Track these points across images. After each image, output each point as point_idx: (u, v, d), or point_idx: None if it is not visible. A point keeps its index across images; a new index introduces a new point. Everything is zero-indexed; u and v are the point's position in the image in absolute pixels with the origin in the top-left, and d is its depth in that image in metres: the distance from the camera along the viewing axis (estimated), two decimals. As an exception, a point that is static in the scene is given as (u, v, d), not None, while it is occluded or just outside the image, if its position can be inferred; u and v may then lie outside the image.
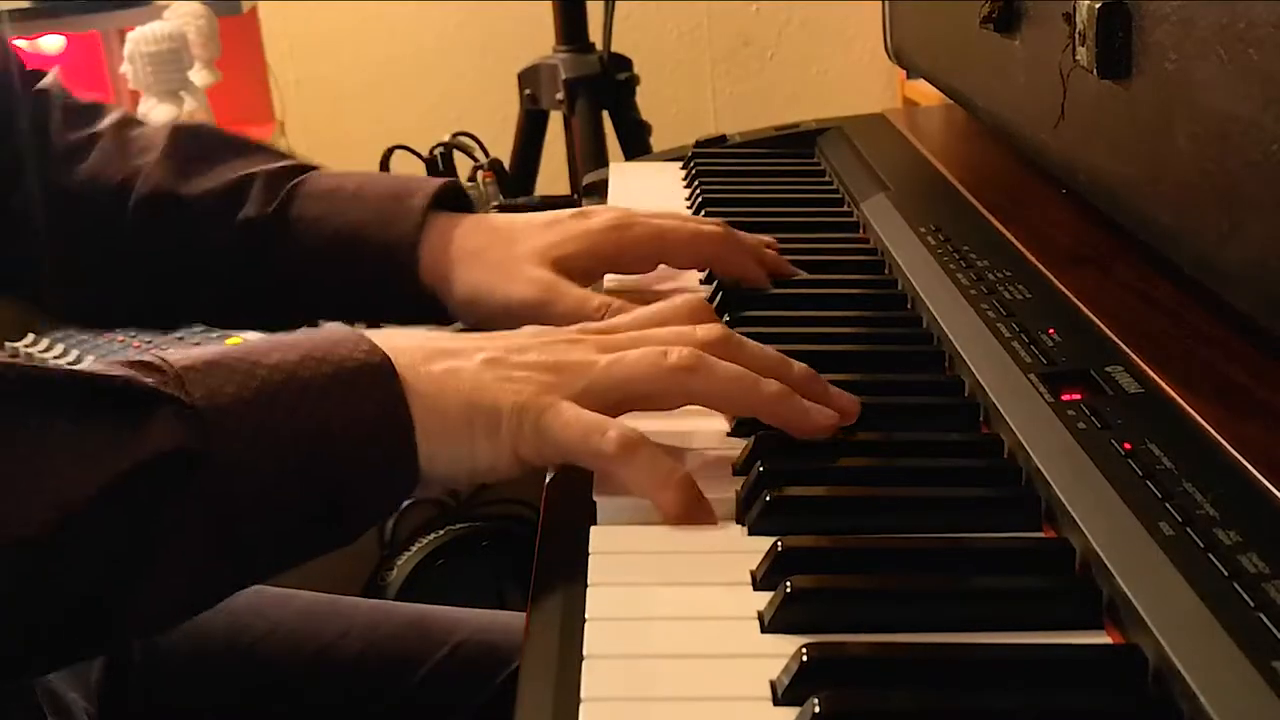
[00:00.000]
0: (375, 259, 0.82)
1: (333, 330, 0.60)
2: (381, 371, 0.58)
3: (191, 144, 0.87)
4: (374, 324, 0.83)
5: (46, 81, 0.91)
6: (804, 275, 0.85)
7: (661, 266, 0.84)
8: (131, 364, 0.56)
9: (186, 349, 0.59)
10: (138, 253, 0.86)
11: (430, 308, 0.83)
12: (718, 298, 0.81)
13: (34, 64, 0.92)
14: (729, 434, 0.65)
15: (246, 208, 0.84)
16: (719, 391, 0.62)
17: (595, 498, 0.59)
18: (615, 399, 0.61)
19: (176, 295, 0.88)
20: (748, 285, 0.82)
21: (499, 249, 0.81)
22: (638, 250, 0.82)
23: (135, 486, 0.53)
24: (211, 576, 0.56)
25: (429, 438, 0.58)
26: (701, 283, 0.86)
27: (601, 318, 0.73)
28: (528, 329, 0.65)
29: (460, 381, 0.59)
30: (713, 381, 0.61)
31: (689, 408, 0.63)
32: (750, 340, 0.64)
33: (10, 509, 0.51)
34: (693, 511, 0.58)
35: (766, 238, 0.87)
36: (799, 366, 0.64)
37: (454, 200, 0.85)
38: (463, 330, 0.75)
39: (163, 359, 0.57)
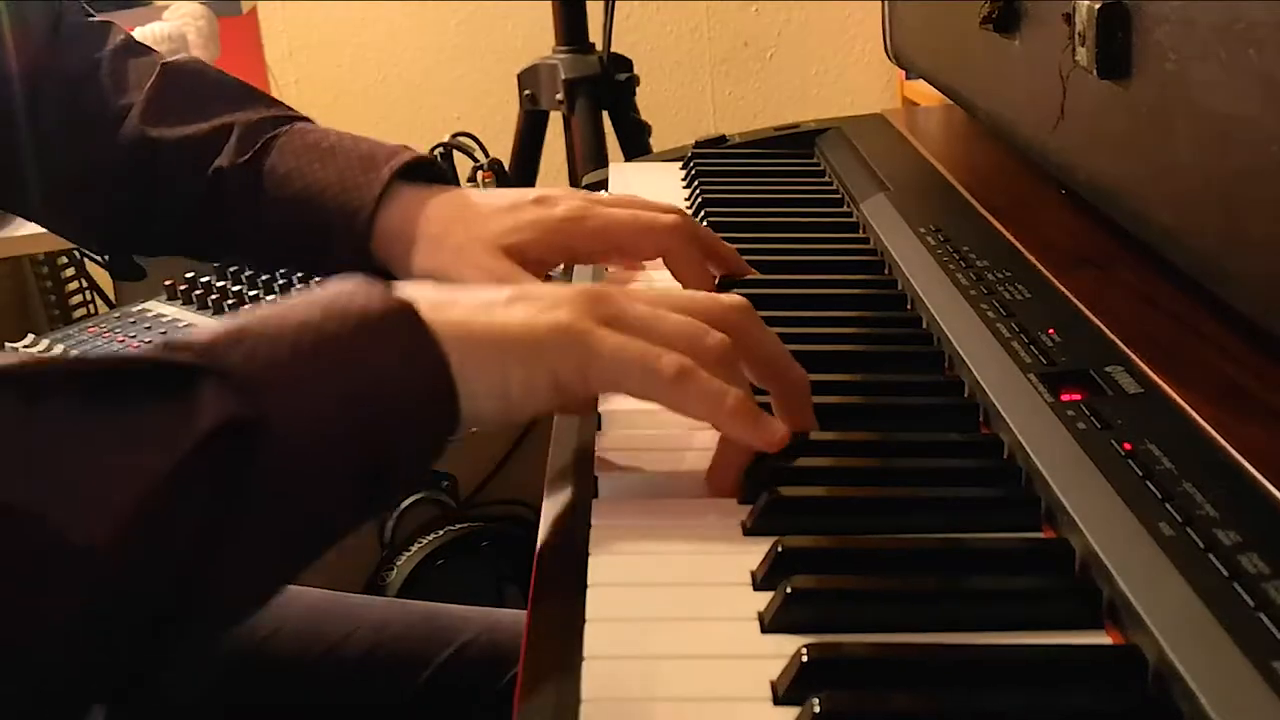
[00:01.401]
0: (329, 223, 0.82)
1: (343, 284, 0.57)
2: (405, 317, 0.56)
3: (177, 86, 0.87)
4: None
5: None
6: (756, 275, 0.83)
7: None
8: (161, 345, 0.54)
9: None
10: (126, 185, 0.88)
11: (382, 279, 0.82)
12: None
13: None
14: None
15: (221, 156, 0.84)
16: (719, 400, 0.59)
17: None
18: (648, 338, 0.59)
19: (157, 229, 0.90)
20: (693, 286, 0.80)
21: (457, 233, 0.80)
22: (590, 243, 0.82)
23: (199, 467, 0.49)
24: (290, 547, 0.53)
25: (462, 372, 0.56)
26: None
27: None
28: (549, 284, 0.65)
29: (488, 312, 0.57)
30: (719, 388, 0.58)
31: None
32: (770, 330, 0.63)
33: (74, 517, 0.46)
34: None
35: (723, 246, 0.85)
36: (800, 375, 0.63)
37: (426, 171, 0.85)
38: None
39: (185, 341, 0.54)
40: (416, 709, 0.87)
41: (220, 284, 1.40)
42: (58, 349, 1.52)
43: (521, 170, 2.00)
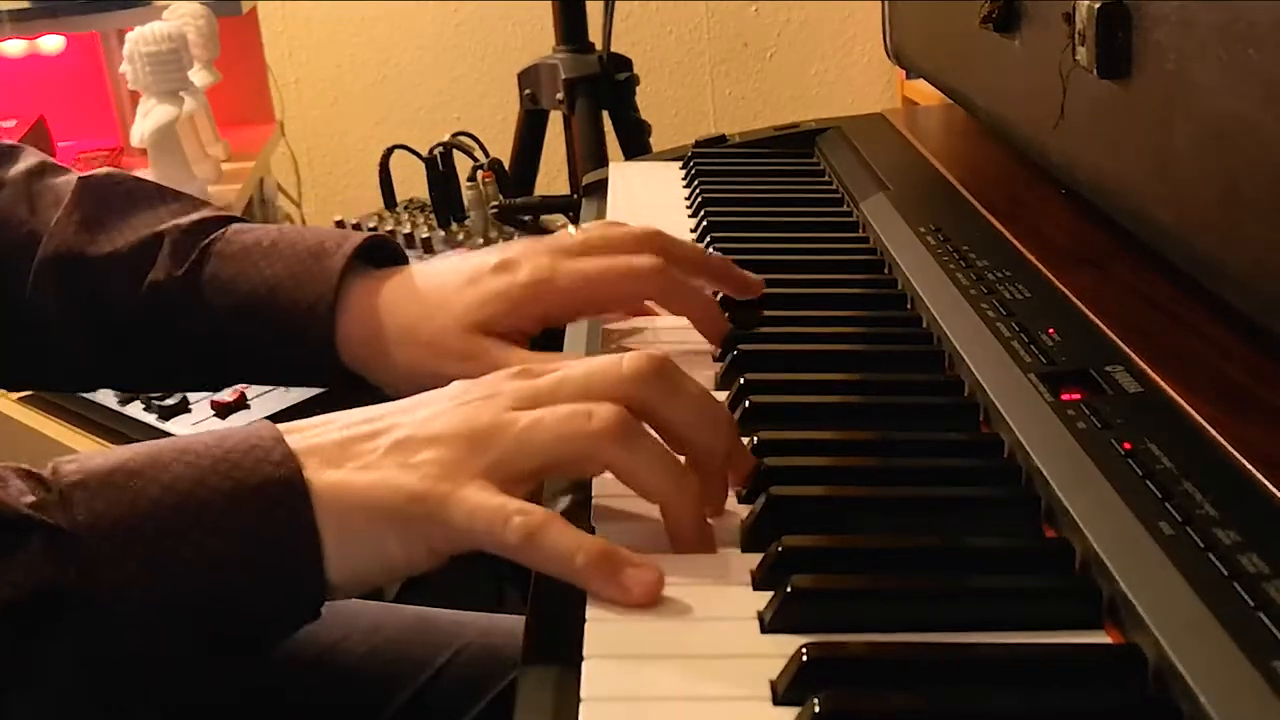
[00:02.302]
0: (288, 322, 0.75)
1: (252, 431, 0.55)
2: (289, 488, 0.53)
3: (99, 198, 0.80)
4: (292, 386, 0.76)
5: None
6: (763, 287, 0.79)
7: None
8: (18, 473, 0.52)
9: (89, 454, 0.54)
10: (41, 311, 0.79)
11: (346, 377, 0.77)
12: (717, 297, 0.81)
13: (33, 65, 0.90)
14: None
15: (155, 270, 0.77)
16: (635, 472, 0.56)
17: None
18: (531, 468, 0.56)
19: (81, 356, 0.80)
20: (700, 326, 0.75)
21: (427, 321, 0.74)
22: (564, 303, 0.74)
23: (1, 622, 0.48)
24: (91, 709, 0.51)
25: (339, 550, 0.53)
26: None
27: None
28: (454, 385, 0.60)
29: (364, 477, 0.54)
30: (633, 460, 0.55)
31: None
32: (682, 383, 0.58)
33: None
34: (617, 590, 0.52)
35: (707, 252, 0.81)
36: (724, 414, 0.60)
37: (377, 252, 0.79)
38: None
39: (55, 469, 0.52)
40: (412, 715, 0.86)
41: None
42: None
43: (521, 170, 2.00)
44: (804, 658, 0.46)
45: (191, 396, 1.32)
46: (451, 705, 0.87)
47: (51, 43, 2.22)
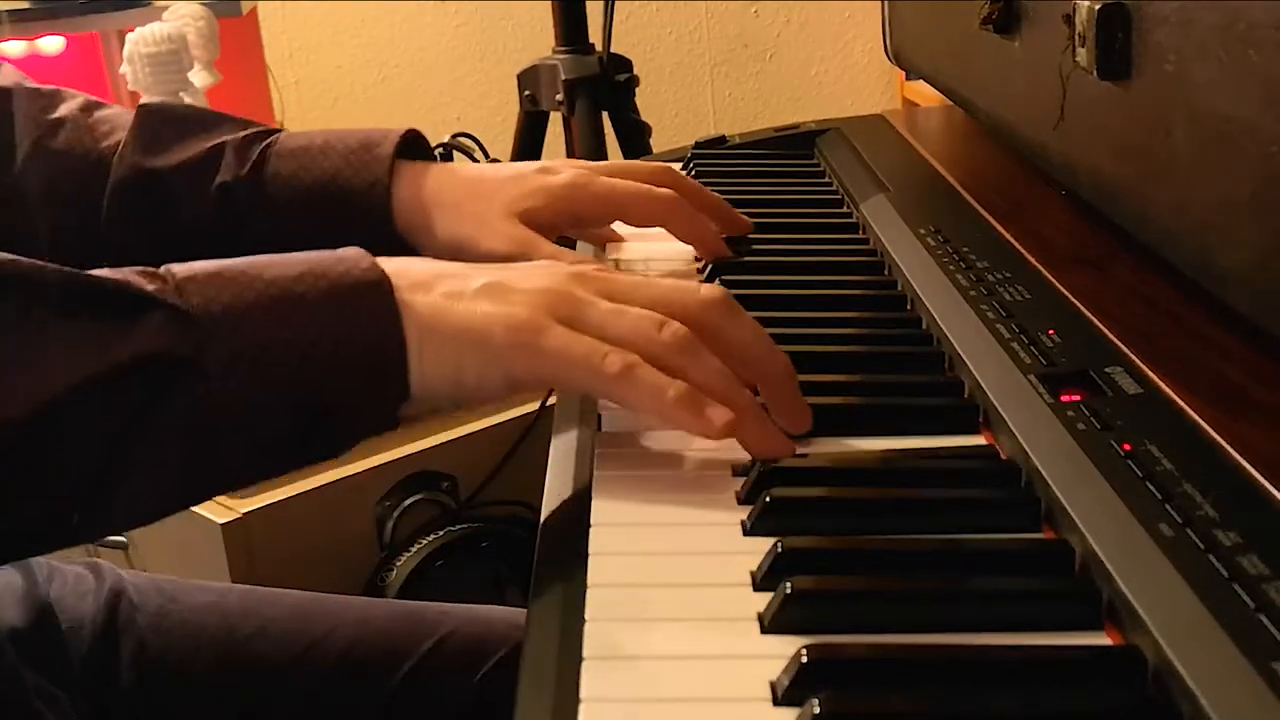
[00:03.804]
0: (350, 206, 0.83)
1: (337, 252, 0.61)
2: (377, 289, 0.59)
3: (159, 121, 0.87)
4: None
5: (6, 77, 0.90)
6: (750, 230, 0.90)
7: (661, 233, 0.87)
8: (140, 271, 0.58)
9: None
10: (119, 236, 0.86)
11: (406, 253, 0.82)
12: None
13: (33, 66, 0.92)
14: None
15: (221, 174, 0.85)
16: (696, 383, 0.61)
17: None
18: (604, 338, 0.61)
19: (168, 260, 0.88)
20: (703, 248, 0.87)
21: (473, 202, 0.83)
22: (593, 209, 0.85)
23: (117, 385, 0.54)
24: (186, 480, 0.57)
25: (420, 355, 0.59)
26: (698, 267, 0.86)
27: None
28: (539, 262, 0.66)
29: (457, 301, 0.60)
30: (694, 370, 0.61)
31: None
32: (746, 315, 0.64)
33: None
34: (703, 423, 0.59)
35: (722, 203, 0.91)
36: (780, 362, 0.64)
37: (417, 149, 0.87)
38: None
39: (168, 268, 0.58)
40: (397, 702, 0.89)
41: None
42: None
43: (521, 171, 2.00)
44: (804, 659, 0.46)
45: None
46: (435, 692, 0.89)
47: (51, 43, 2.22)
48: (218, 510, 1.37)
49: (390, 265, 0.61)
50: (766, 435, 0.61)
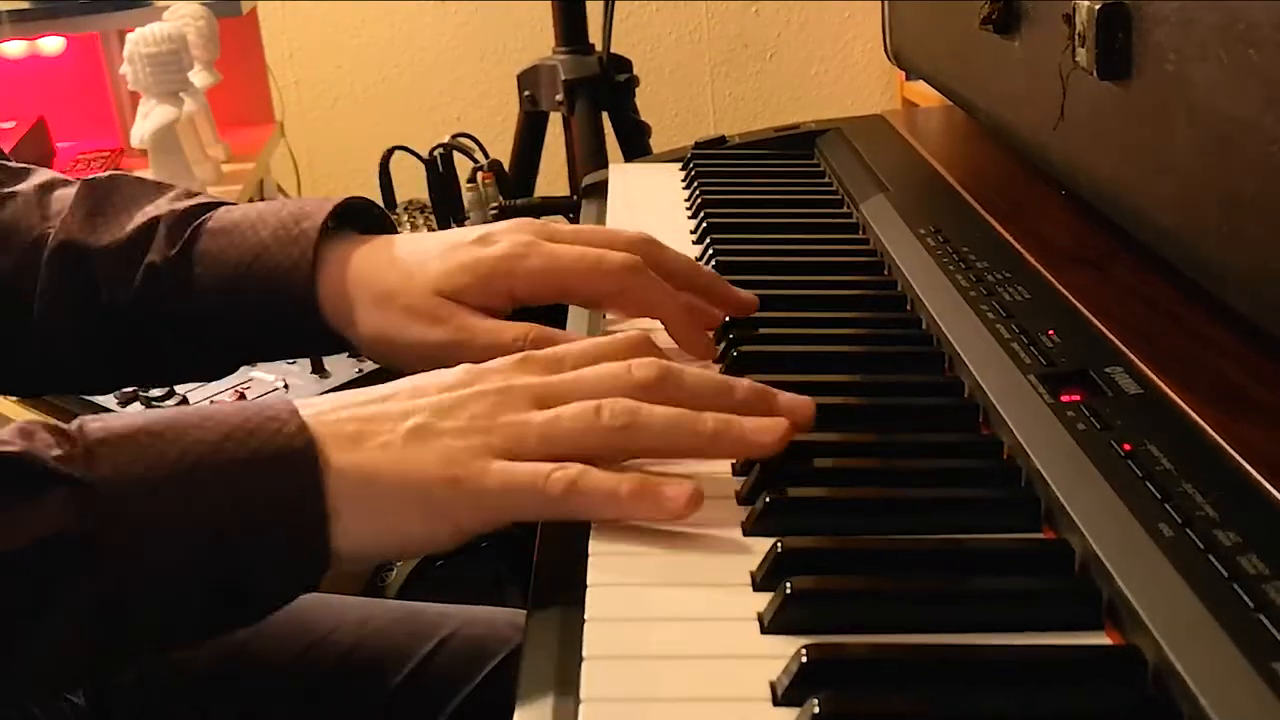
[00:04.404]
0: (273, 291, 0.76)
1: (267, 404, 0.58)
2: (302, 458, 0.55)
3: (101, 194, 0.82)
4: (284, 359, 0.77)
5: None
6: (756, 309, 0.78)
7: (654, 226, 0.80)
8: (50, 428, 0.55)
9: (115, 415, 0.57)
10: (50, 313, 0.80)
11: (334, 341, 0.78)
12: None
13: (33, 66, 0.90)
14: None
15: (151, 253, 0.78)
16: (658, 443, 0.59)
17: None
18: (552, 456, 0.58)
19: (89, 355, 0.81)
20: (677, 335, 0.74)
21: (401, 284, 0.75)
22: (531, 285, 0.74)
23: (18, 567, 0.52)
24: (84, 658, 0.54)
25: (354, 522, 0.56)
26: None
27: (521, 348, 0.69)
28: (459, 370, 0.61)
29: (388, 459, 0.57)
30: (649, 435, 0.59)
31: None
32: (689, 370, 0.62)
33: None
34: (664, 509, 0.56)
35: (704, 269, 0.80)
36: (742, 386, 0.62)
37: (360, 215, 0.80)
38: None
39: (81, 426, 0.55)
40: (398, 702, 0.88)
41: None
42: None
43: (521, 171, 2.00)
44: (804, 659, 0.46)
45: (191, 397, 1.33)
46: (436, 692, 0.89)
47: (51, 44, 2.22)
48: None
49: (321, 419, 0.57)
50: (748, 441, 0.60)
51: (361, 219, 0.80)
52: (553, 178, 2.18)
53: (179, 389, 1.36)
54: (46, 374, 0.85)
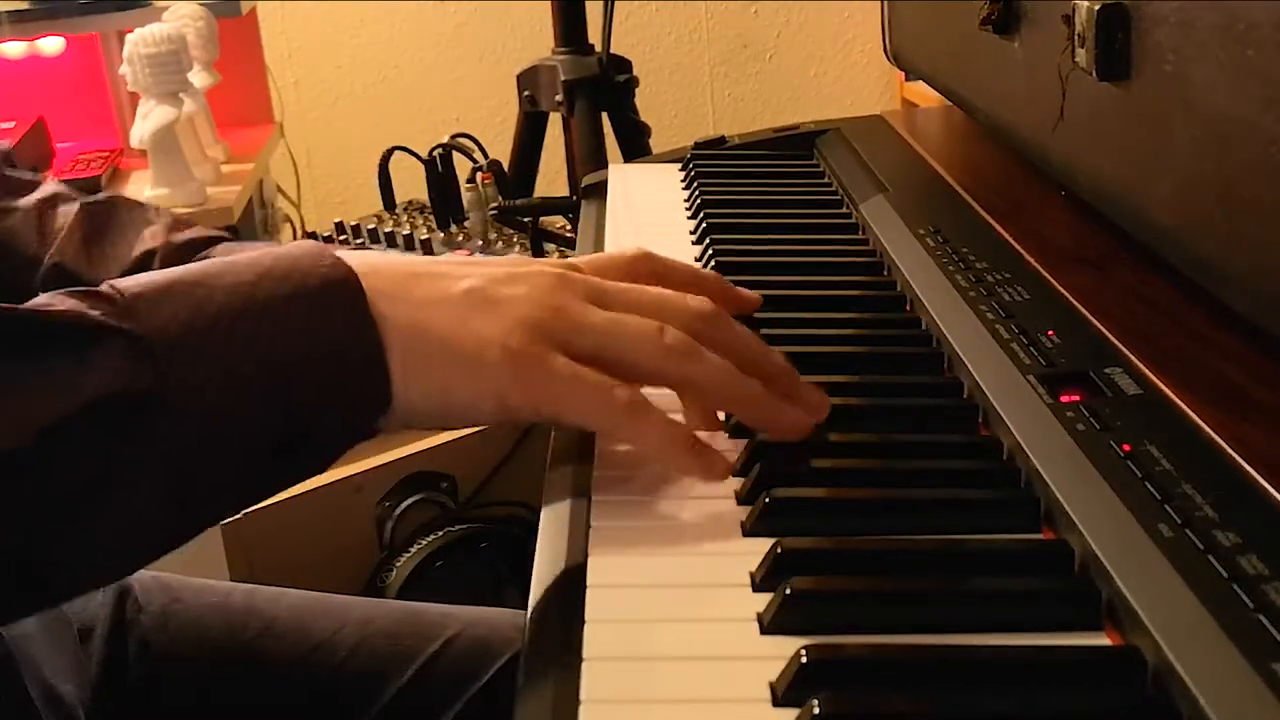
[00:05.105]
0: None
1: (296, 245, 0.56)
2: (346, 288, 0.54)
3: (100, 220, 0.82)
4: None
5: None
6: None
7: (659, 234, 0.83)
8: (82, 293, 0.53)
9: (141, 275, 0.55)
10: None
11: None
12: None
13: (33, 66, 0.90)
14: (728, 435, 0.65)
15: None
16: (704, 382, 0.60)
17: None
18: (603, 356, 0.58)
19: None
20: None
21: None
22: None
23: (79, 428, 0.50)
24: (163, 521, 0.53)
25: (403, 366, 0.54)
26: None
27: None
28: (513, 257, 0.62)
29: (442, 310, 0.56)
30: (701, 371, 0.59)
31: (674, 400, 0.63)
32: (736, 322, 0.63)
33: None
34: (707, 469, 0.58)
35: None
36: (778, 359, 0.63)
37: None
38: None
39: (113, 286, 0.53)
40: (402, 704, 0.89)
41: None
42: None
43: (521, 171, 2.00)
44: (803, 659, 0.46)
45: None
46: (441, 694, 0.89)
47: (51, 44, 2.22)
48: (217, 511, 1.37)
49: (355, 260, 0.56)
50: (784, 417, 0.61)
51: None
52: (552, 178, 2.18)
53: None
54: None
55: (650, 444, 0.58)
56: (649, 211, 1.04)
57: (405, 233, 1.66)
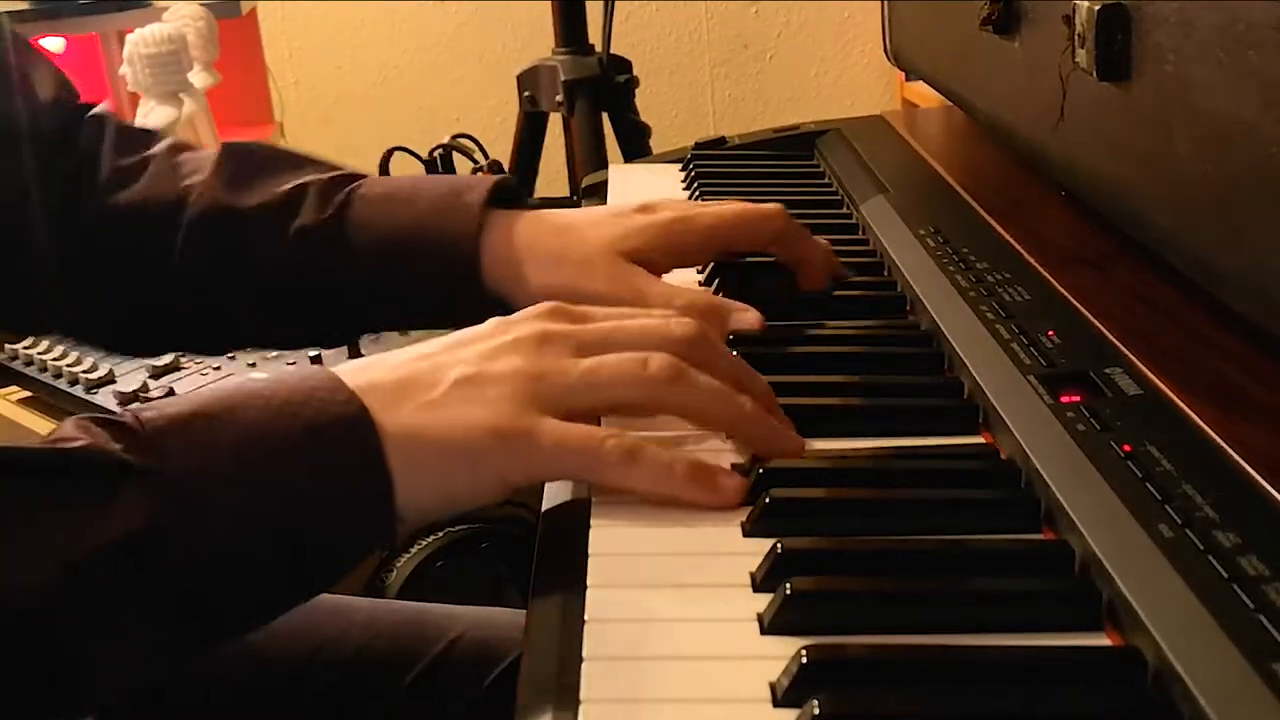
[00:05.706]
0: (435, 256, 0.80)
1: (308, 375, 0.58)
2: (359, 425, 0.56)
3: (243, 160, 0.85)
4: (435, 328, 0.80)
5: (100, 109, 0.89)
6: (854, 277, 0.84)
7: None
8: (104, 422, 0.55)
9: (163, 400, 0.58)
10: (190, 273, 0.83)
11: (493, 306, 0.79)
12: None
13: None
14: (728, 435, 0.65)
15: (301, 216, 0.81)
16: (696, 406, 0.61)
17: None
18: (593, 406, 0.60)
19: (230, 314, 0.85)
20: (809, 273, 0.82)
21: (574, 246, 0.79)
22: (700, 242, 0.82)
23: (101, 566, 0.51)
24: (178, 646, 0.55)
25: (406, 482, 0.56)
26: (701, 284, 0.86)
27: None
28: (491, 323, 0.63)
29: (433, 414, 0.58)
30: (692, 395, 0.60)
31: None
32: (723, 346, 0.64)
33: None
34: (718, 496, 0.58)
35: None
36: (761, 381, 0.64)
37: (509, 196, 0.84)
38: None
39: (137, 416, 0.55)
40: (406, 704, 0.88)
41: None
42: (57, 349, 1.52)
43: (521, 172, 2.00)
44: (804, 660, 0.46)
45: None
46: (445, 695, 0.89)
47: (51, 44, 2.22)
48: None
49: (360, 379, 0.58)
50: (776, 435, 0.62)
51: (509, 194, 0.84)
52: (552, 178, 2.18)
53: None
54: (182, 332, 0.88)
55: (646, 487, 0.58)
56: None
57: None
